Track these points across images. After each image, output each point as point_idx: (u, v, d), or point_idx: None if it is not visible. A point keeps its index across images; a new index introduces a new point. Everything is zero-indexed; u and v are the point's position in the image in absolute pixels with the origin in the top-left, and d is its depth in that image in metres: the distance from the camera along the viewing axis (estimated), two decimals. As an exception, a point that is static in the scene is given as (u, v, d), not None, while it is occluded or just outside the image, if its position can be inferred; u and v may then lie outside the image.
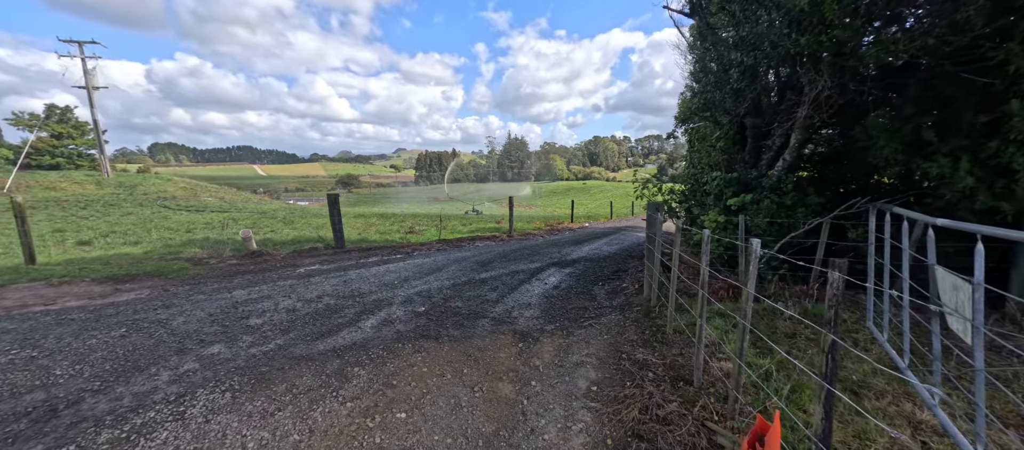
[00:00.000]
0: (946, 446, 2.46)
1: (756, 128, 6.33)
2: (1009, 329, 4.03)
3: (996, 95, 4.01)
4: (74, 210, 17.50)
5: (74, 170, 32.91)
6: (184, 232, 12.57)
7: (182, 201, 23.52)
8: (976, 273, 1.89)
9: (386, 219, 17.87)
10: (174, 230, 12.98)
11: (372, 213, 22.28)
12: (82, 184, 24.40)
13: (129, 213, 18.00)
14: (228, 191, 32.72)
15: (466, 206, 37.42)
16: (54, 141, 37.05)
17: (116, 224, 14.17)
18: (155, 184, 27.76)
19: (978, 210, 4.27)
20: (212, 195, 28.34)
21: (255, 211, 21.14)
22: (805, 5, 3.92)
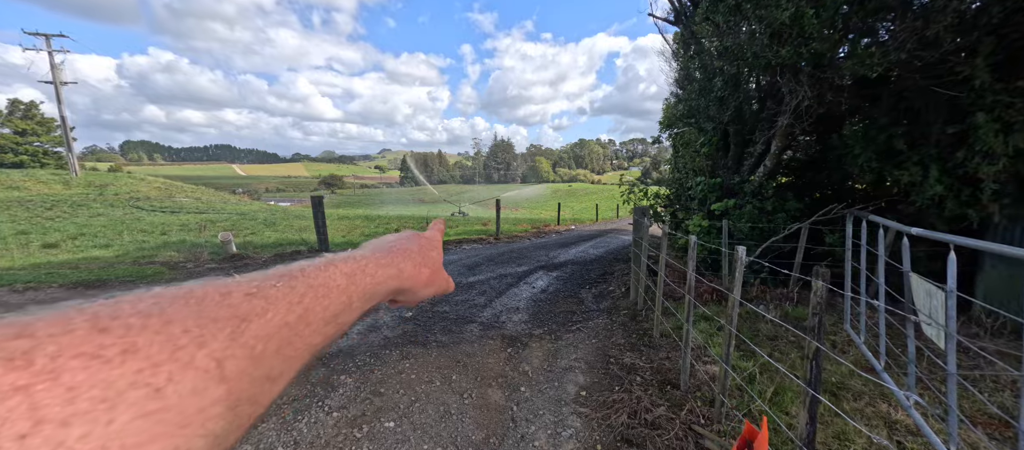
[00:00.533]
0: (920, 444, 2.56)
1: (739, 135, 6.49)
2: (975, 330, 4.23)
3: (963, 108, 4.23)
4: (39, 211, 16.69)
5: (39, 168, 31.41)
6: (159, 234, 12.12)
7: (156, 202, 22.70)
8: (949, 281, 1.98)
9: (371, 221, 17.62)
10: (148, 232, 12.51)
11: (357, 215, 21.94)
12: (48, 183, 23.29)
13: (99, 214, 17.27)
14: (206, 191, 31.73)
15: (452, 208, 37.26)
16: (17, 138, 35.31)
17: (85, 226, 13.56)
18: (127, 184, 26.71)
19: (947, 217, 4.48)
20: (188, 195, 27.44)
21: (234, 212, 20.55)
22: (786, 18, 4.05)
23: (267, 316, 0.26)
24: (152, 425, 0.19)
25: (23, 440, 0.16)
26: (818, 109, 4.85)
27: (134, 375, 0.19)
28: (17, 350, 0.17)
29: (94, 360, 0.18)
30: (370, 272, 0.36)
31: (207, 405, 0.21)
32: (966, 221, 4.43)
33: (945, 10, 3.73)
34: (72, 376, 0.17)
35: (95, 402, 0.17)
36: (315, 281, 0.30)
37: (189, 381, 0.20)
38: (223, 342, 0.23)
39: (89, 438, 0.17)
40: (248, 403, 0.24)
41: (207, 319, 0.23)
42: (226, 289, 0.26)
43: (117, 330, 0.20)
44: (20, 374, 0.16)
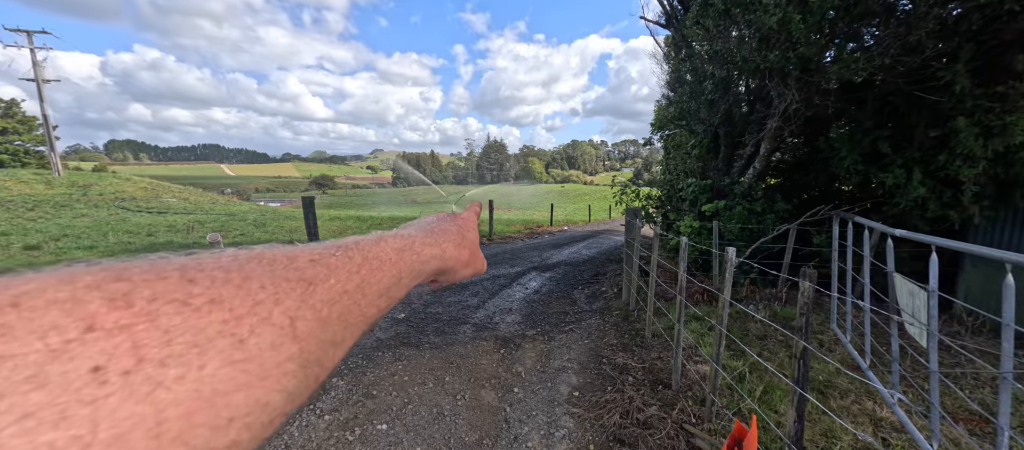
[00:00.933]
0: (904, 440, 2.62)
1: (729, 137, 6.58)
2: (957, 329, 4.34)
3: (944, 112, 4.34)
4: (20, 211, 16.27)
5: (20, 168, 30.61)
6: (145, 236, 11.90)
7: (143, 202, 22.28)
8: (931, 282, 2.03)
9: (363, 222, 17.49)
10: (134, 234, 12.27)
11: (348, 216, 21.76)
12: (29, 183, 22.71)
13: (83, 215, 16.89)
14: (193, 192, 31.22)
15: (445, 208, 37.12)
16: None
17: (69, 227, 13.26)
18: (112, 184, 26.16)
19: (929, 218, 4.59)
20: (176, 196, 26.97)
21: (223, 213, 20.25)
22: (774, 23, 4.12)
23: (329, 282, 0.26)
24: (237, 374, 0.19)
25: (127, 375, 0.16)
26: (805, 112, 4.94)
27: (220, 324, 0.19)
28: (118, 292, 0.18)
29: (185, 307, 0.19)
30: (417, 249, 0.37)
31: (283, 360, 0.22)
32: (948, 222, 4.55)
33: (927, 16, 3.83)
34: (168, 319, 0.18)
35: (188, 346, 0.18)
36: (369, 253, 0.31)
37: (268, 335, 0.21)
38: (295, 301, 0.23)
39: (184, 380, 0.17)
40: (316, 364, 0.24)
41: (280, 278, 0.24)
42: (292, 254, 0.26)
43: (203, 281, 0.20)
44: (123, 313, 0.17)
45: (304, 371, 0.23)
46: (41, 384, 0.15)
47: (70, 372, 0.15)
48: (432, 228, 0.44)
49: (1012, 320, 1.54)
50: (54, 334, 0.15)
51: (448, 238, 0.43)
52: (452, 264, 0.43)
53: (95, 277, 0.18)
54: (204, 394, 0.18)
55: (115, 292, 0.17)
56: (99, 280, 0.18)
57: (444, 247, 0.42)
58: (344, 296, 0.27)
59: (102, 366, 0.16)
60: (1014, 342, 2.80)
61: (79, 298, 0.17)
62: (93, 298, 0.17)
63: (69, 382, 0.15)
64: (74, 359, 0.15)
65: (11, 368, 0.14)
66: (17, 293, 0.16)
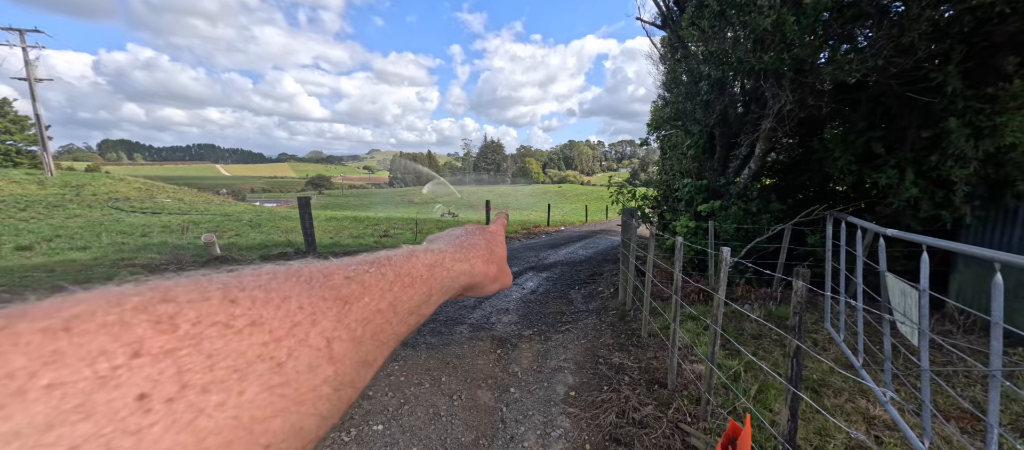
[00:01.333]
0: (897, 438, 2.65)
1: (724, 137, 6.62)
2: (949, 327, 4.38)
3: (936, 113, 4.39)
4: (12, 212, 16.10)
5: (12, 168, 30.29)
6: (139, 236, 11.81)
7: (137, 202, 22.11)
8: (922, 281, 2.05)
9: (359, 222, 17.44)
10: (128, 234, 12.17)
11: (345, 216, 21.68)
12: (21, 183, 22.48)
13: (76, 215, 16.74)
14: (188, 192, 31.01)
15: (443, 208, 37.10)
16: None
17: (61, 227, 13.13)
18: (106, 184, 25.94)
19: (922, 218, 4.64)
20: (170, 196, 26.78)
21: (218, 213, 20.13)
22: (768, 25, 4.15)
23: (363, 301, 0.26)
24: (275, 399, 0.19)
25: (171, 403, 0.16)
26: (800, 113, 4.98)
27: (260, 347, 0.19)
28: (165, 314, 0.17)
29: (227, 329, 0.18)
30: (447, 265, 0.37)
31: (319, 383, 0.21)
32: (940, 222, 4.59)
33: (920, 18, 3.87)
34: (211, 343, 0.18)
35: (229, 371, 0.18)
36: (401, 270, 0.31)
37: (305, 358, 0.21)
38: (331, 322, 0.23)
39: (224, 407, 0.17)
40: (349, 386, 0.24)
41: (317, 298, 0.23)
42: (327, 270, 0.26)
43: (244, 302, 0.20)
44: (168, 337, 0.17)
45: (338, 394, 0.23)
46: (88, 414, 0.14)
47: (116, 401, 0.15)
48: (462, 242, 0.43)
49: (1001, 318, 1.56)
50: (103, 360, 0.15)
51: (477, 253, 0.43)
52: (481, 280, 0.43)
53: (142, 298, 0.18)
54: (243, 421, 0.18)
55: (161, 314, 0.17)
56: (146, 301, 0.17)
57: (473, 263, 0.41)
58: (377, 315, 0.27)
59: (147, 394, 0.15)
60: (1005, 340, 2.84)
61: (127, 321, 0.16)
62: (140, 321, 0.17)
63: (115, 411, 0.15)
64: (121, 387, 0.15)
65: (60, 397, 0.14)
66: (69, 316, 0.16)
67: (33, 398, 0.14)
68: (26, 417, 0.13)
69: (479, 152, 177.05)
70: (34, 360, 0.14)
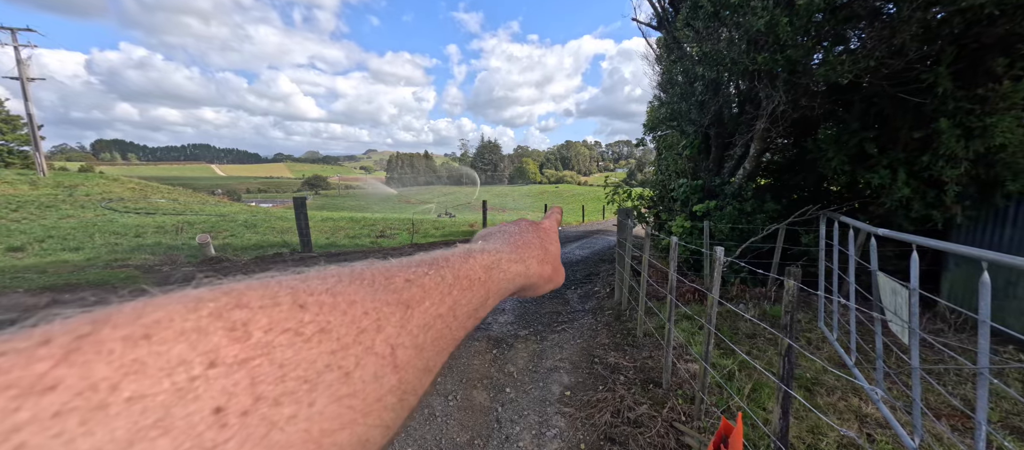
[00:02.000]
0: (888, 436, 2.67)
1: (719, 138, 6.65)
2: (940, 326, 4.43)
3: (928, 114, 4.43)
4: (4, 212, 15.93)
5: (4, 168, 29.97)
6: (133, 237, 11.71)
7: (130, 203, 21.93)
8: (912, 280, 2.08)
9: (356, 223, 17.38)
10: (121, 235, 12.07)
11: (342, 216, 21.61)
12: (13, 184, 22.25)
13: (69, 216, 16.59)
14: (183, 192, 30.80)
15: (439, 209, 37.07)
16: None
17: (54, 228, 13.01)
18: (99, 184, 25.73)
19: (913, 218, 4.68)
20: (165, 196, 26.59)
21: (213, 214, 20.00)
22: (761, 26, 4.18)
23: (424, 305, 0.25)
24: (344, 410, 0.18)
25: (245, 416, 0.15)
26: (793, 114, 5.01)
27: (329, 356, 0.18)
28: (238, 321, 0.17)
29: (297, 337, 0.18)
30: (504, 267, 0.36)
31: (384, 393, 0.21)
32: (932, 222, 4.64)
33: (911, 20, 3.91)
34: (282, 353, 0.17)
35: (300, 382, 0.17)
36: (460, 272, 0.30)
37: (371, 367, 0.20)
38: (395, 328, 0.22)
39: (296, 420, 0.16)
40: (412, 394, 0.23)
41: (380, 302, 0.22)
42: (389, 272, 0.25)
43: (313, 307, 0.19)
44: (242, 346, 0.16)
45: (401, 403, 0.22)
46: (167, 429, 0.14)
47: (194, 414, 0.14)
48: (517, 242, 0.41)
49: (988, 317, 1.58)
50: (182, 371, 0.15)
51: (532, 253, 0.41)
52: (536, 280, 0.41)
53: (218, 303, 0.17)
54: (313, 434, 0.17)
55: (235, 321, 0.17)
56: (221, 307, 0.17)
57: (528, 264, 0.40)
58: (438, 320, 0.26)
59: (223, 407, 0.15)
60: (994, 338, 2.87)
61: (203, 328, 0.16)
62: (216, 329, 0.16)
63: (193, 426, 0.14)
64: (199, 399, 0.14)
65: (140, 411, 0.13)
66: (148, 323, 0.15)
67: (115, 412, 0.13)
68: (107, 433, 0.13)
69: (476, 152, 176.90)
70: (116, 370, 0.14)
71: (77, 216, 16.70)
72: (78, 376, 0.13)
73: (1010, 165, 4.01)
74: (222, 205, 27.97)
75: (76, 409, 0.13)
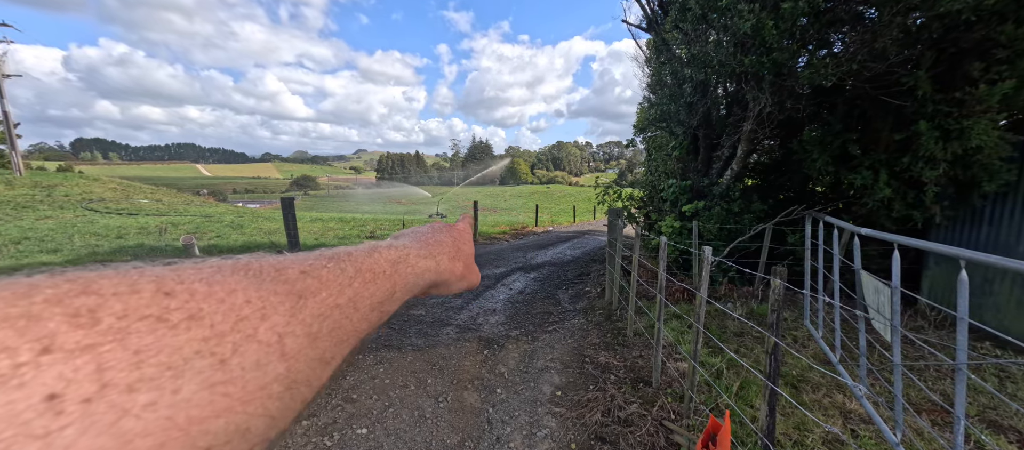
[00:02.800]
0: (871, 431, 2.73)
1: (707, 139, 6.73)
2: (921, 323, 4.54)
3: (908, 116, 4.54)
4: (-23, 213, 15.41)
5: (-23, 167, 28.99)
6: (114, 238, 11.42)
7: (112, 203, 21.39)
8: (894, 278, 2.12)
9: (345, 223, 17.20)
10: (102, 236, 11.76)
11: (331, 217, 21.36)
12: (-13, 184, 21.53)
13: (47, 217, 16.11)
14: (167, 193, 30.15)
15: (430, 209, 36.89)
16: (-48, 134, 32.39)
17: (31, 229, 12.61)
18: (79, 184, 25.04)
19: (895, 217, 4.79)
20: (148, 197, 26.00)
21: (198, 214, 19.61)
22: (748, 28, 4.24)
23: (320, 296, 0.25)
24: (217, 398, 0.18)
25: (87, 404, 0.14)
26: (779, 115, 5.10)
27: (200, 343, 0.18)
28: (83, 307, 0.16)
29: (160, 324, 0.17)
30: (412, 262, 0.36)
31: (269, 382, 0.20)
32: (912, 222, 4.76)
33: (891, 24, 4.01)
34: (139, 339, 0.16)
35: (161, 368, 0.16)
36: (362, 265, 0.30)
37: (252, 354, 0.20)
38: (284, 317, 0.22)
39: (156, 407, 0.16)
40: (304, 384, 0.23)
41: (268, 292, 0.22)
42: (280, 264, 0.25)
43: (182, 295, 0.19)
44: (87, 332, 0.15)
45: (290, 393, 0.22)
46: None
47: (18, 402, 0.13)
48: (427, 239, 0.42)
49: (966, 314, 1.62)
50: (3, 357, 0.14)
51: (443, 250, 0.42)
52: (446, 277, 0.42)
53: (58, 290, 0.16)
54: (178, 422, 0.16)
55: (80, 307, 0.16)
56: (62, 293, 0.16)
57: (438, 260, 0.41)
58: (335, 310, 0.26)
59: (58, 393, 0.14)
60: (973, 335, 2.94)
61: (36, 314, 0.15)
62: (53, 315, 0.15)
63: (17, 413, 0.13)
64: (24, 386, 0.14)
65: None
66: None
67: None
68: None
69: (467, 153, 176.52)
70: None
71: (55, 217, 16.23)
72: None
73: (986, 166, 4.14)
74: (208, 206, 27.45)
75: None
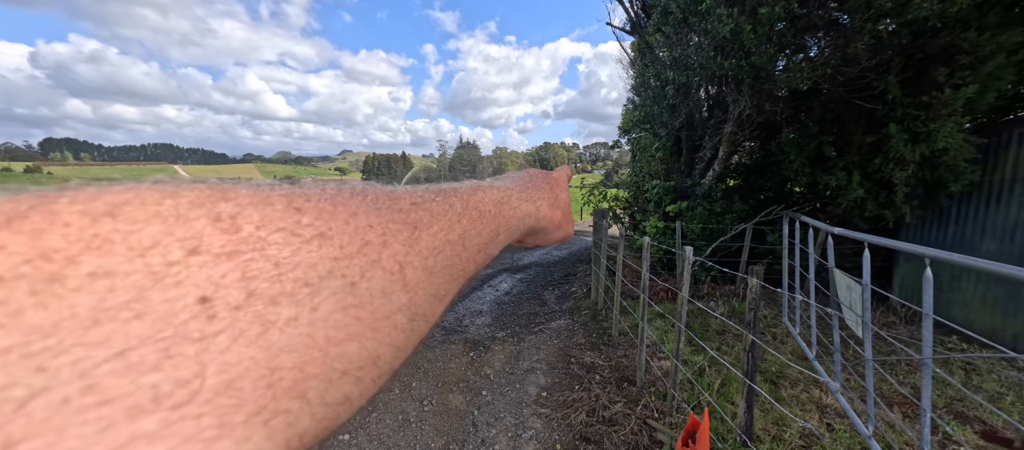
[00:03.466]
0: (846, 425, 2.81)
1: (690, 140, 6.85)
2: (892, 319, 4.70)
3: (879, 119, 4.70)
4: (-64, 217, 14.66)
5: (-64, 169, 27.66)
6: (86, 242, 11.00)
7: (83, 206, 20.61)
8: (864, 276, 2.19)
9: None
10: (73, 240, 11.32)
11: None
12: (-53, 186, 20.50)
13: (12, 220, 15.42)
14: (143, 195, 29.19)
15: None
16: (-92, 133, 30.79)
17: (-6, 233, 12.06)
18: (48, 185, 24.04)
19: (868, 217, 4.96)
20: (122, 199, 25.14)
21: (176, 217, 19.06)
22: (727, 32, 4.34)
23: (433, 229, 0.24)
24: (350, 321, 0.17)
25: (236, 311, 0.14)
26: (758, 118, 5.23)
27: (331, 262, 0.17)
28: (225, 212, 0.15)
29: (295, 237, 0.16)
30: (514, 204, 0.35)
31: (394, 311, 0.20)
32: (884, 221, 4.93)
33: (863, 30, 4.15)
34: (277, 251, 0.16)
35: (299, 284, 0.16)
36: (470, 202, 0.29)
37: (378, 281, 0.19)
38: (403, 245, 0.21)
39: (297, 323, 0.15)
40: (423, 319, 0.22)
41: (386, 219, 0.21)
42: (393, 194, 0.24)
43: (311, 211, 0.18)
44: (230, 238, 0.15)
45: (412, 325, 0.21)
46: (141, 313, 0.12)
47: (175, 301, 0.13)
48: (526, 183, 0.41)
49: (931, 310, 1.69)
50: (157, 253, 0.13)
51: (543, 195, 0.41)
52: (545, 224, 0.41)
53: (198, 194, 0.15)
54: (317, 341, 0.16)
55: (222, 212, 0.15)
56: (203, 197, 0.15)
57: (539, 205, 0.39)
58: (447, 246, 0.25)
59: (210, 297, 0.13)
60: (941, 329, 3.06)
61: (183, 215, 0.14)
62: (198, 216, 0.14)
63: (174, 313, 0.13)
64: (180, 285, 0.13)
65: (107, 289, 0.12)
66: (115, 201, 0.13)
67: (74, 286, 0.11)
68: (66, 308, 0.11)
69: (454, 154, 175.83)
70: (73, 243, 0.12)
71: (22, 220, 15.54)
72: (24, 243, 0.11)
73: (952, 168, 4.32)
74: (186, 208, 26.69)
75: (23, 277, 0.11)
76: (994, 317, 4.06)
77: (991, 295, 4.09)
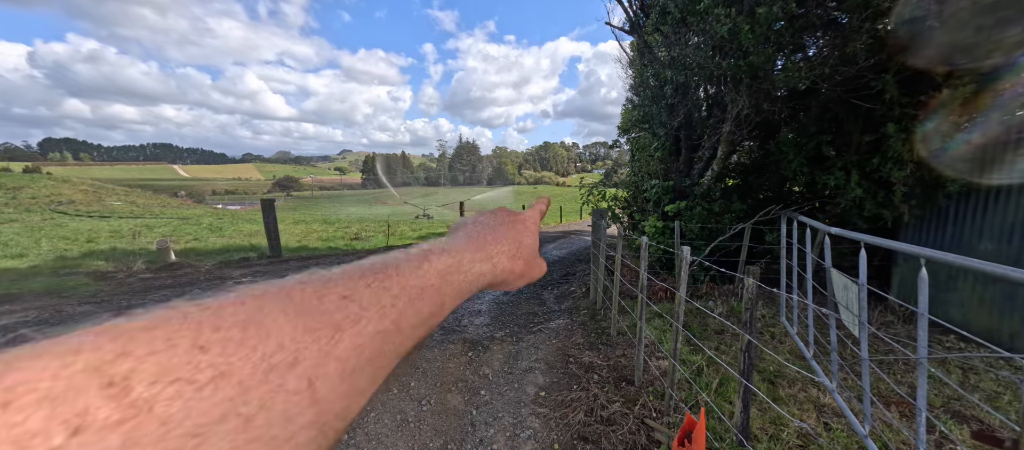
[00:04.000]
0: (844, 424, 2.82)
1: (689, 140, 6.85)
2: (890, 319, 4.71)
3: (877, 119, 4.71)
4: (-65, 217, 14.64)
5: (-65, 169, 27.61)
6: (84, 242, 10.99)
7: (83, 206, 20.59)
8: (860, 276, 2.20)
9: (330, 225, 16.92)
10: (71, 240, 11.30)
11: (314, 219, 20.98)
12: (-54, 186, 20.48)
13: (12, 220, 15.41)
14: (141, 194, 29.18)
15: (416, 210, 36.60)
16: (-93, 133, 30.71)
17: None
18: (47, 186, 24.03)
19: (866, 217, 4.96)
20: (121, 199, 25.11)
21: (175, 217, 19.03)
22: (725, 32, 4.34)
23: (360, 324, 0.24)
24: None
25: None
26: (756, 117, 5.23)
27: (226, 405, 0.17)
28: (118, 375, 0.16)
29: (188, 387, 0.17)
30: (464, 268, 0.34)
31: (297, 430, 0.20)
32: (882, 220, 4.93)
33: (861, 30, 4.15)
34: (166, 408, 0.16)
35: (185, 438, 0.16)
36: (409, 282, 0.28)
37: (279, 407, 0.19)
38: (315, 358, 0.21)
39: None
40: (338, 419, 0.22)
41: (302, 329, 0.21)
42: (321, 290, 0.24)
43: (215, 348, 0.18)
44: (116, 406, 0.15)
45: (322, 432, 0.21)
46: None
47: None
48: (484, 238, 0.39)
49: (926, 310, 1.69)
50: (38, 442, 0.13)
51: (501, 249, 0.39)
52: (503, 277, 0.39)
53: (98, 354, 0.16)
54: None
55: (115, 376, 0.16)
56: (101, 358, 0.16)
57: (496, 261, 0.38)
58: (376, 337, 0.24)
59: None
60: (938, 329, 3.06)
61: (75, 386, 0.15)
62: (90, 386, 0.15)
63: None
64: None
65: None
66: (8, 385, 0.14)
67: None
68: None
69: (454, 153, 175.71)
70: None
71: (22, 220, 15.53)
72: None
73: (950, 167, 4.32)
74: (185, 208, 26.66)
75: None
76: (991, 317, 4.07)
77: (988, 295, 4.10)
